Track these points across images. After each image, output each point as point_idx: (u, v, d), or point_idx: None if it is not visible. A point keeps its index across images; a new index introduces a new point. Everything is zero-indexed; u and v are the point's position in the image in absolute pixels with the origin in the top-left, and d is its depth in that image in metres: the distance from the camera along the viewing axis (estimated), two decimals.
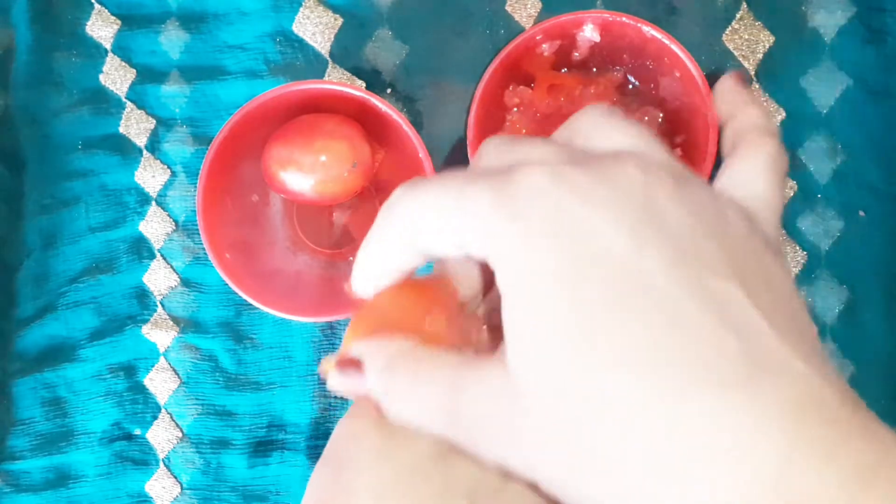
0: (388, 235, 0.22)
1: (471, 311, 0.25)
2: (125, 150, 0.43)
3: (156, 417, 0.43)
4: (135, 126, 0.43)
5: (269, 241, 0.42)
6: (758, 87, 0.42)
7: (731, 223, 0.20)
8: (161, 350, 0.43)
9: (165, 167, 0.43)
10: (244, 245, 0.40)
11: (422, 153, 0.37)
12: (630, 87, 0.40)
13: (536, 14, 0.42)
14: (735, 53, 0.42)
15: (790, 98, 0.42)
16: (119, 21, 0.44)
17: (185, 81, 0.43)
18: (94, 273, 0.43)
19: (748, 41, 0.42)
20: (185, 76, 0.43)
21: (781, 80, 0.42)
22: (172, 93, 0.43)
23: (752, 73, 0.42)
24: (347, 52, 0.43)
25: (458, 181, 0.20)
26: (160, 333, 0.43)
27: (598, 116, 0.22)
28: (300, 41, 0.43)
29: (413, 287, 0.23)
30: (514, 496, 0.22)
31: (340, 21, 0.43)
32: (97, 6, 0.44)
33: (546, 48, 0.39)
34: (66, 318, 0.43)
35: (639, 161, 0.20)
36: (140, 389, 0.43)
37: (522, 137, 0.22)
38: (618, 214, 0.18)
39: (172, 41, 0.43)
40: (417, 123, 0.42)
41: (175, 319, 0.43)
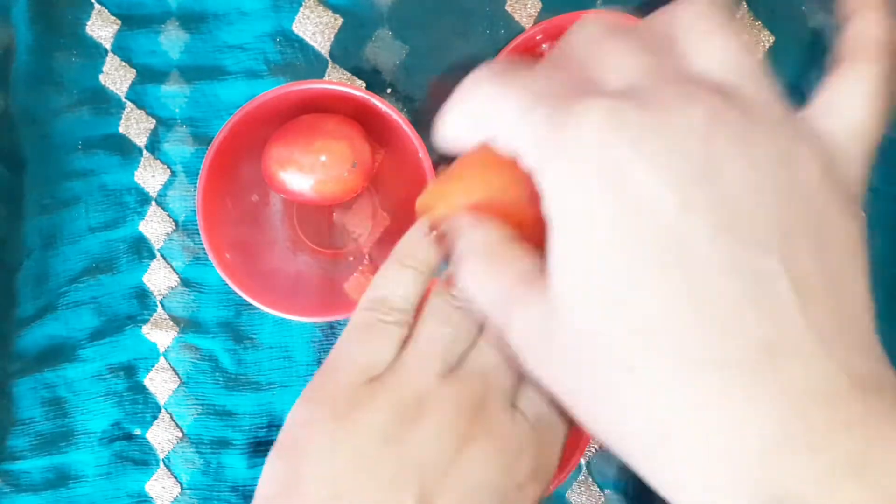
0: (466, 108, 0.22)
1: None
2: (125, 150, 0.43)
3: (156, 417, 0.43)
4: (135, 126, 0.43)
5: (269, 241, 0.42)
6: None
7: (802, 173, 0.18)
8: (161, 350, 0.43)
9: (165, 167, 0.43)
10: (244, 245, 0.40)
11: (422, 153, 0.37)
12: None
13: (536, 14, 0.42)
14: None
15: (790, 98, 0.42)
16: (119, 21, 0.44)
17: (185, 81, 0.43)
18: (94, 273, 0.43)
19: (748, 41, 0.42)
20: (185, 76, 0.43)
21: (781, 81, 0.42)
22: (172, 93, 0.43)
23: None
24: (347, 52, 0.43)
25: (532, 92, 0.20)
26: (160, 333, 0.43)
27: (700, 17, 0.20)
28: (300, 41, 0.43)
29: (497, 161, 0.23)
30: (463, 471, 0.22)
31: (340, 21, 0.43)
32: (97, 6, 0.44)
33: (546, 48, 0.39)
34: (66, 318, 0.43)
35: (712, 103, 0.18)
36: (140, 389, 0.43)
37: (617, 36, 0.20)
38: (671, 171, 0.17)
39: (172, 41, 0.43)
40: (417, 123, 0.42)
41: (175, 319, 0.43)
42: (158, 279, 0.43)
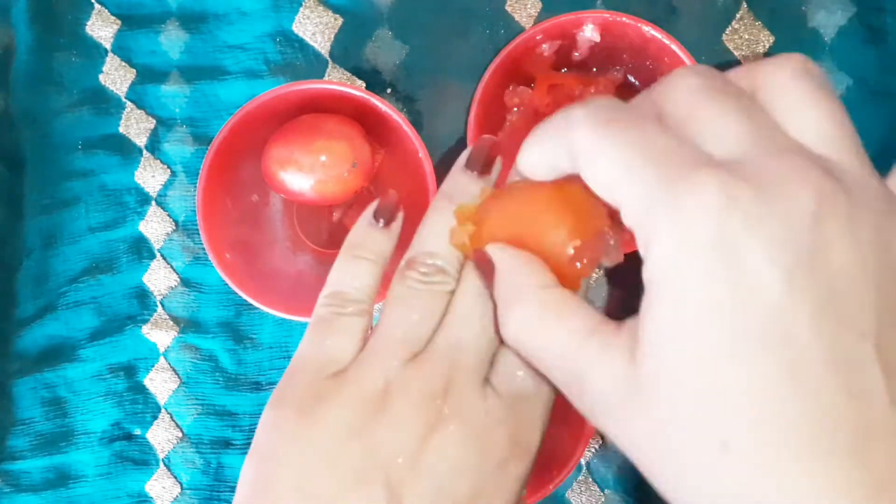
0: (558, 144, 0.21)
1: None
2: (125, 150, 0.43)
3: (156, 417, 0.43)
4: (135, 126, 0.43)
5: (269, 241, 0.42)
6: None
7: None
8: (161, 350, 0.43)
9: (165, 167, 0.43)
10: (244, 245, 0.40)
11: (422, 153, 0.37)
12: (630, 87, 0.40)
13: (536, 14, 0.42)
14: (735, 53, 0.42)
15: None
16: (119, 21, 0.44)
17: (185, 81, 0.43)
18: (94, 273, 0.43)
19: (748, 41, 0.42)
20: (185, 76, 0.43)
21: None
22: (172, 93, 0.43)
23: None
24: (347, 52, 0.43)
25: (641, 150, 0.19)
26: (160, 333, 0.43)
27: (797, 79, 0.20)
28: (300, 41, 0.43)
29: (564, 199, 0.23)
30: (434, 456, 0.22)
31: (340, 21, 0.43)
32: (97, 6, 0.44)
33: (546, 48, 0.39)
34: (66, 318, 0.43)
35: (820, 184, 0.18)
36: (140, 389, 0.43)
37: (715, 96, 0.20)
38: (779, 253, 0.18)
39: (172, 41, 0.43)
40: (417, 123, 0.42)
41: (175, 319, 0.43)
42: (158, 279, 0.43)
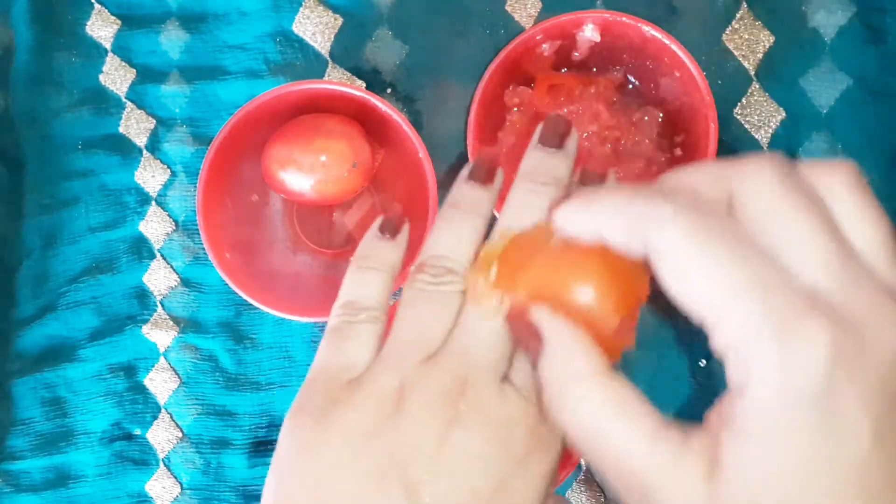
0: (620, 222, 0.21)
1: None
2: (125, 150, 0.43)
3: (156, 417, 0.43)
4: (135, 126, 0.43)
5: (269, 241, 0.42)
6: (758, 87, 0.42)
7: None
8: (161, 350, 0.43)
9: (165, 167, 0.43)
10: (244, 245, 0.40)
11: (422, 153, 0.37)
12: (630, 87, 0.40)
13: (536, 14, 0.42)
14: (735, 53, 0.42)
15: (790, 98, 0.42)
16: (119, 21, 0.44)
17: (185, 81, 0.43)
18: (94, 273, 0.43)
19: (748, 41, 0.42)
20: (185, 76, 0.43)
21: (781, 80, 0.42)
22: (172, 93, 0.43)
23: (752, 73, 0.42)
24: (347, 52, 0.43)
25: (743, 272, 0.19)
26: (160, 333, 0.43)
27: (852, 190, 0.20)
28: (300, 41, 0.43)
29: (610, 266, 0.22)
30: (451, 454, 0.22)
31: (340, 21, 0.43)
32: (97, 6, 0.44)
33: (546, 48, 0.39)
34: (66, 318, 0.43)
35: None
36: (140, 389, 0.43)
37: (803, 209, 0.20)
38: (873, 402, 0.18)
39: (172, 41, 0.43)
40: (417, 123, 0.42)
41: (175, 319, 0.43)
42: (158, 279, 0.43)
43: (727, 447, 0.19)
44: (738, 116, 0.42)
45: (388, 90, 0.43)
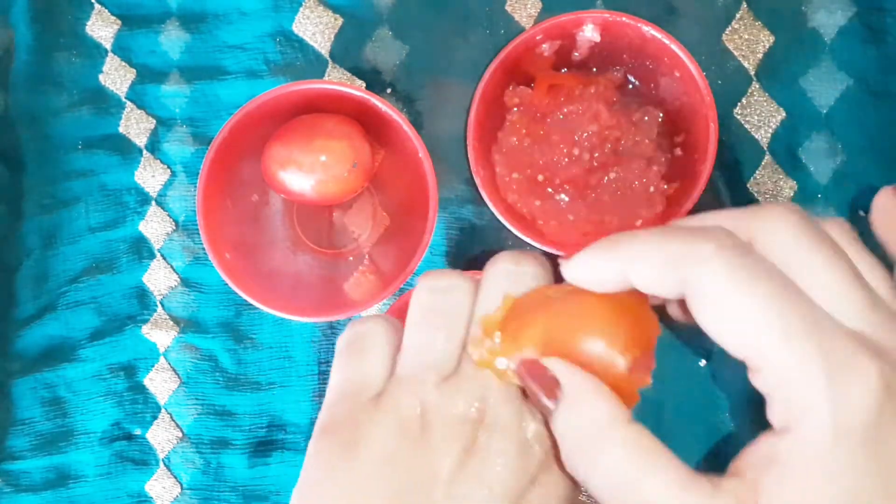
0: (658, 263, 0.21)
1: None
2: (125, 150, 0.43)
3: (156, 417, 0.43)
4: (135, 126, 0.43)
5: (269, 241, 0.42)
6: (758, 87, 0.42)
7: None
8: (161, 350, 0.43)
9: (165, 167, 0.43)
10: (244, 245, 0.40)
11: (422, 153, 0.37)
12: (630, 87, 0.40)
13: (536, 14, 0.42)
14: (735, 53, 0.42)
15: (790, 98, 0.42)
16: (119, 21, 0.44)
17: (185, 81, 0.43)
18: (94, 273, 0.43)
19: (748, 41, 0.42)
20: (185, 76, 0.43)
21: (781, 80, 0.42)
22: (172, 93, 0.43)
23: (752, 73, 0.42)
24: (347, 52, 0.43)
25: (792, 314, 0.19)
26: (160, 333, 0.43)
27: (852, 245, 0.22)
28: (300, 41, 0.43)
29: (621, 310, 0.22)
30: (471, 477, 0.22)
31: (340, 21, 0.43)
32: (97, 6, 0.44)
33: (546, 48, 0.39)
34: (66, 318, 0.43)
35: None
36: (140, 389, 0.43)
37: (828, 255, 0.20)
38: None
39: (172, 41, 0.43)
40: (417, 123, 0.42)
41: (175, 319, 0.43)
42: (158, 279, 0.43)
43: (768, 488, 0.19)
44: (738, 116, 0.42)
45: (388, 90, 0.43)
